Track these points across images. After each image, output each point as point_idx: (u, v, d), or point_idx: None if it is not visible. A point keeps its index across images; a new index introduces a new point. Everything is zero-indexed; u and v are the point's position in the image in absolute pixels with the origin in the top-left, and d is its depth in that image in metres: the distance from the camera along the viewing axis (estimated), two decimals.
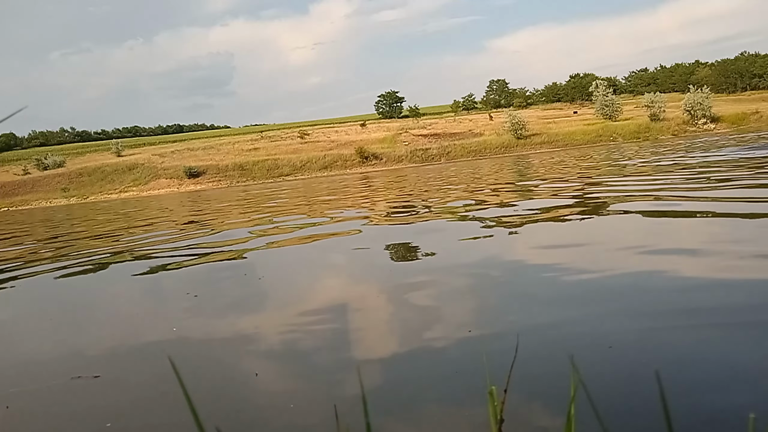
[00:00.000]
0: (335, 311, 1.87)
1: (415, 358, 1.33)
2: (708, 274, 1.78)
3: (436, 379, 1.19)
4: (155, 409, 1.18)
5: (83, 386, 1.35)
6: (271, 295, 2.24)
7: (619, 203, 3.93)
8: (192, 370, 1.38)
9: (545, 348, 1.29)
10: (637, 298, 1.60)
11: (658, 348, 1.22)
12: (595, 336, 1.33)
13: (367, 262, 2.78)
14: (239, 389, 1.25)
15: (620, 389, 1.04)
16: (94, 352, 1.67)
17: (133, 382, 1.36)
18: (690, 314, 1.40)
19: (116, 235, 5.94)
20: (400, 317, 1.71)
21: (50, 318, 2.23)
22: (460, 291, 1.93)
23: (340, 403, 1.08)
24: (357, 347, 1.46)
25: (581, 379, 0.75)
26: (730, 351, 1.16)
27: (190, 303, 2.17)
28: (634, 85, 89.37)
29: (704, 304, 1.47)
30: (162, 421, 1.12)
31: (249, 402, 1.18)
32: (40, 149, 73.07)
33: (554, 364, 1.19)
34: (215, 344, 1.61)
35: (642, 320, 1.39)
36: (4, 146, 78.93)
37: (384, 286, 2.16)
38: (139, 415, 1.16)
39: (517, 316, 1.58)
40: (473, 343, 1.36)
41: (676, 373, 1.08)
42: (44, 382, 1.43)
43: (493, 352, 1.29)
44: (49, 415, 1.23)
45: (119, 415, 1.17)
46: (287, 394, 1.20)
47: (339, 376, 1.27)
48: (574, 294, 1.73)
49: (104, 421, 1.15)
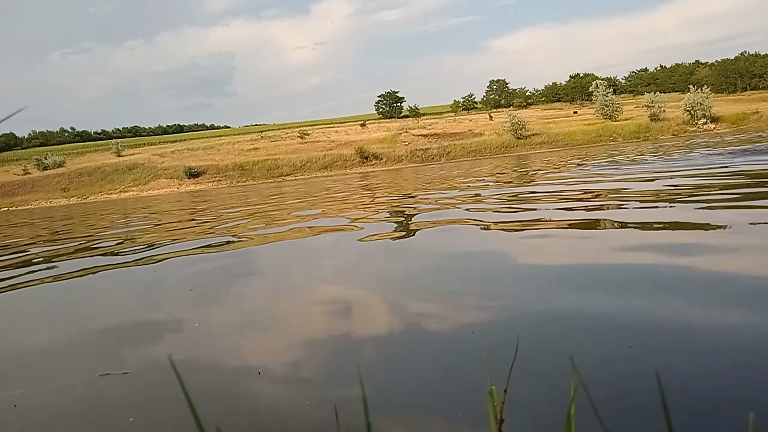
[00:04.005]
0: (337, 309, 1.87)
1: (416, 357, 1.33)
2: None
3: (436, 379, 1.19)
4: (181, 405, 1.18)
5: (110, 383, 1.36)
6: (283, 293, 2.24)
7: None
8: (208, 367, 1.38)
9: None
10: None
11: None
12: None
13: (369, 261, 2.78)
14: (242, 388, 1.25)
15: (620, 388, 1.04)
16: (124, 348, 1.67)
17: (161, 379, 1.36)
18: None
19: (153, 233, 5.94)
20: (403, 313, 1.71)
21: (78, 313, 2.23)
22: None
23: (340, 403, 1.09)
24: (357, 346, 1.46)
25: (581, 379, 0.75)
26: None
27: (206, 299, 2.17)
28: (634, 85, 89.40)
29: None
30: (188, 419, 1.12)
31: (250, 402, 1.18)
32: (40, 149, 73.09)
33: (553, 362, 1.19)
34: (231, 339, 1.61)
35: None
36: (4, 146, 78.95)
37: (385, 285, 2.16)
38: (164, 411, 1.17)
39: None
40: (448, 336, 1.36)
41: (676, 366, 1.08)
42: (71, 378, 1.44)
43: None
44: (73, 410, 1.24)
45: (143, 410, 1.18)
46: (287, 394, 1.20)
47: (339, 375, 1.27)
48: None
49: (128, 415, 1.16)
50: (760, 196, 3.43)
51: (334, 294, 2.16)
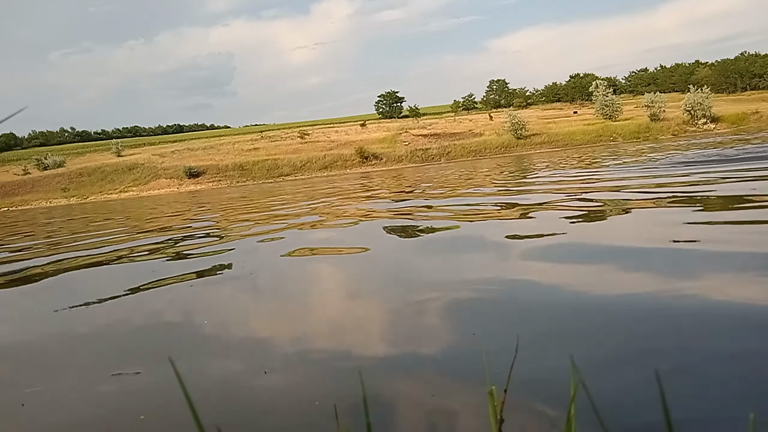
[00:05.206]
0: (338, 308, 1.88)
1: (416, 356, 1.33)
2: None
3: (436, 379, 1.19)
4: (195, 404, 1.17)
5: (123, 382, 1.36)
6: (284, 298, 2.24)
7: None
8: (214, 365, 1.38)
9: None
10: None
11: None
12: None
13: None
14: (244, 388, 1.25)
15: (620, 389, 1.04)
16: (137, 348, 1.67)
17: (173, 379, 1.36)
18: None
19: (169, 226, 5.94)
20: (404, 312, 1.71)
21: (94, 313, 2.23)
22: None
23: (340, 403, 1.09)
24: (357, 344, 1.46)
25: (581, 379, 0.75)
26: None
27: (221, 299, 2.17)
28: (634, 85, 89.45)
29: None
30: (202, 414, 1.12)
31: (251, 401, 1.18)
32: (40, 149, 73.12)
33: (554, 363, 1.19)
34: (238, 336, 1.62)
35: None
36: (4, 146, 78.97)
37: (388, 285, 2.17)
38: (176, 412, 1.16)
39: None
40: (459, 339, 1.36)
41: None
42: (85, 377, 1.45)
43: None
44: (85, 410, 1.24)
45: (155, 410, 1.19)
46: (288, 394, 1.20)
47: (339, 375, 1.27)
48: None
49: (139, 414, 1.16)
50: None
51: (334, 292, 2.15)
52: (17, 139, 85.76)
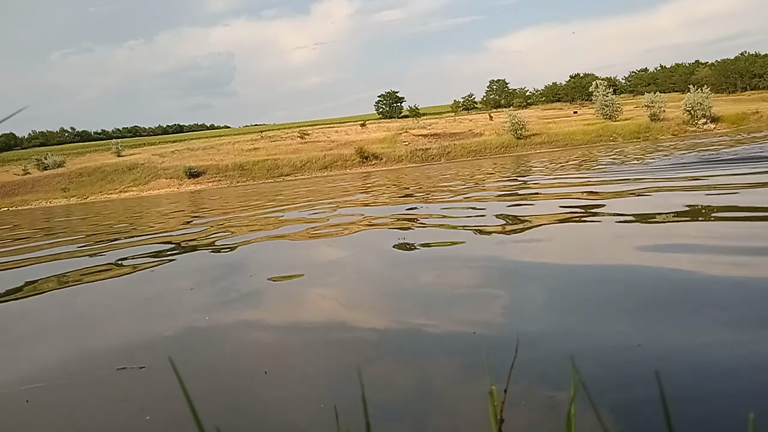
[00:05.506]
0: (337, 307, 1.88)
1: (416, 355, 1.33)
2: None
3: (436, 379, 1.19)
4: (196, 400, 1.17)
5: (127, 377, 1.37)
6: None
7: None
8: (215, 363, 1.38)
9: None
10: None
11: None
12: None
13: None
14: (245, 388, 1.25)
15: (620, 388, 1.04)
16: (142, 343, 1.68)
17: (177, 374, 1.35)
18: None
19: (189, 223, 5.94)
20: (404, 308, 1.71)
21: (99, 310, 2.23)
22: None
23: (340, 403, 1.09)
24: (357, 344, 1.46)
25: (581, 379, 0.75)
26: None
27: (220, 296, 2.17)
28: (634, 85, 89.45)
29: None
30: (203, 414, 1.12)
31: (252, 401, 1.18)
32: (40, 149, 73.12)
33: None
34: (236, 335, 1.62)
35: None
36: (4, 146, 78.98)
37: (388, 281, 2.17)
38: (180, 407, 1.16)
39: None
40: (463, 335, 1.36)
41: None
42: (90, 372, 1.45)
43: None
44: (91, 405, 1.24)
45: (160, 406, 1.19)
46: (287, 394, 1.20)
47: (339, 375, 1.27)
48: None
49: (144, 413, 1.16)
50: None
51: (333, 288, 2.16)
52: (17, 139, 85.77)
